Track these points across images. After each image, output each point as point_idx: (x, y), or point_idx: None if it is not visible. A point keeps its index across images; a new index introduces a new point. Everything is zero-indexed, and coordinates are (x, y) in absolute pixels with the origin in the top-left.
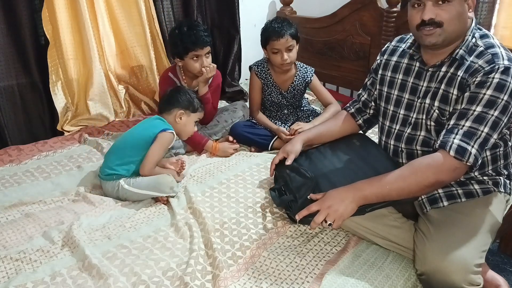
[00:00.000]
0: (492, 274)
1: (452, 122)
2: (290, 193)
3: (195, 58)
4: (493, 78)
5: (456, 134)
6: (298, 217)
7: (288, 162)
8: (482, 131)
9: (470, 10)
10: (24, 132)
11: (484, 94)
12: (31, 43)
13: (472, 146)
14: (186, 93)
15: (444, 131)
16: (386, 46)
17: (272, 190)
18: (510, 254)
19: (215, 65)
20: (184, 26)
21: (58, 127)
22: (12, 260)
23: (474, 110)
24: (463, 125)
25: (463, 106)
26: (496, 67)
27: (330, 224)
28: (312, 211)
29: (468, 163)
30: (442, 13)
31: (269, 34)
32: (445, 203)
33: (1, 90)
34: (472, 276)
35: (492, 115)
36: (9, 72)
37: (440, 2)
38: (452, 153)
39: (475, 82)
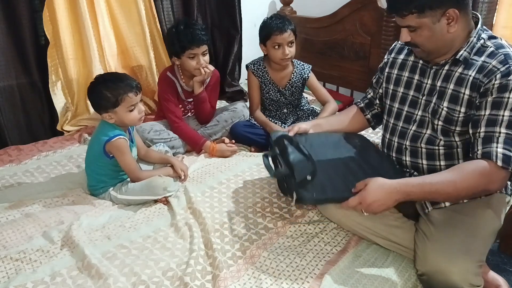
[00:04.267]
0: (492, 274)
1: (483, 129)
2: (286, 166)
3: (191, 57)
4: None
5: (497, 142)
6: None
7: (291, 133)
8: None
9: (451, 23)
10: (24, 132)
11: (508, 97)
12: (31, 43)
13: None
14: (96, 92)
15: (479, 139)
16: (393, 45)
17: (265, 157)
18: (510, 254)
19: (213, 68)
20: (181, 25)
21: (58, 127)
22: (12, 260)
23: (503, 115)
24: (499, 132)
25: (489, 112)
26: None
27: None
28: (351, 206)
29: None
30: (414, 37)
31: (271, 29)
32: (447, 204)
33: (1, 90)
34: (473, 276)
35: None
36: (9, 72)
37: (411, 29)
38: (499, 163)
39: (496, 86)
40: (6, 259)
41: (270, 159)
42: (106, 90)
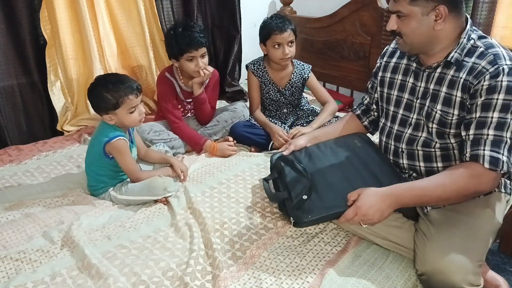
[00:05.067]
0: (492, 274)
1: (472, 131)
2: (284, 189)
3: (190, 59)
4: (502, 81)
5: (485, 145)
6: (339, 223)
7: (285, 152)
8: (506, 137)
9: (439, 20)
10: (24, 132)
11: (497, 99)
12: (30, 43)
13: (503, 154)
14: (96, 94)
15: (468, 142)
16: (385, 49)
17: (265, 181)
18: (510, 254)
19: (212, 70)
20: (179, 27)
21: (58, 127)
22: (12, 260)
23: (492, 117)
24: (487, 134)
25: (479, 114)
26: (501, 68)
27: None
28: (348, 218)
29: (502, 171)
30: (402, 26)
31: (271, 28)
32: (445, 204)
33: (1, 90)
34: (472, 276)
35: (510, 119)
36: (9, 72)
37: (400, 16)
38: (487, 165)
39: (485, 87)
40: (6, 259)
41: (270, 183)
42: (106, 92)
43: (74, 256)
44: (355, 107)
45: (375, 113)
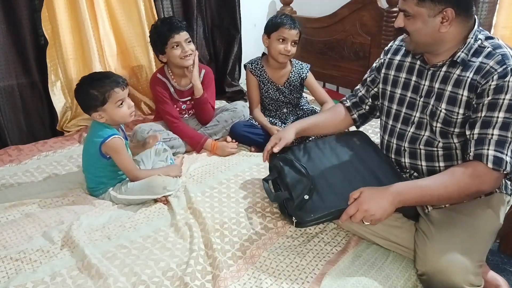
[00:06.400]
0: (492, 274)
1: (477, 131)
2: (285, 189)
3: (175, 47)
4: (509, 81)
5: (489, 144)
6: (341, 221)
7: (276, 149)
8: (511, 137)
9: (445, 23)
10: (24, 132)
11: (504, 99)
12: (31, 43)
13: (506, 154)
14: (83, 93)
15: (472, 141)
16: (389, 45)
17: (265, 181)
18: (510, 254)
19: (196, 52)
20: (159, 21)
21: (58, 127)
22: (12, 260)
23: (498, 117)
24: (492, 134)
25: (484, 113)
26: (509, 68)
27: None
28: (350, 214)
29: (505, 172)
30: (408, 24)
31: (282, 22)
32: (447, 204)
33: (1, 90)
34: (473, 276)
35: None
36: (9, 72)
37: (406, 15)
38: (490, 165)
39: (492, 87)
40: (6, 259)
41: (270, 183)
42: (92, 89)
43: (74, 256)
44: (345, 98)
45: (367, 107)
